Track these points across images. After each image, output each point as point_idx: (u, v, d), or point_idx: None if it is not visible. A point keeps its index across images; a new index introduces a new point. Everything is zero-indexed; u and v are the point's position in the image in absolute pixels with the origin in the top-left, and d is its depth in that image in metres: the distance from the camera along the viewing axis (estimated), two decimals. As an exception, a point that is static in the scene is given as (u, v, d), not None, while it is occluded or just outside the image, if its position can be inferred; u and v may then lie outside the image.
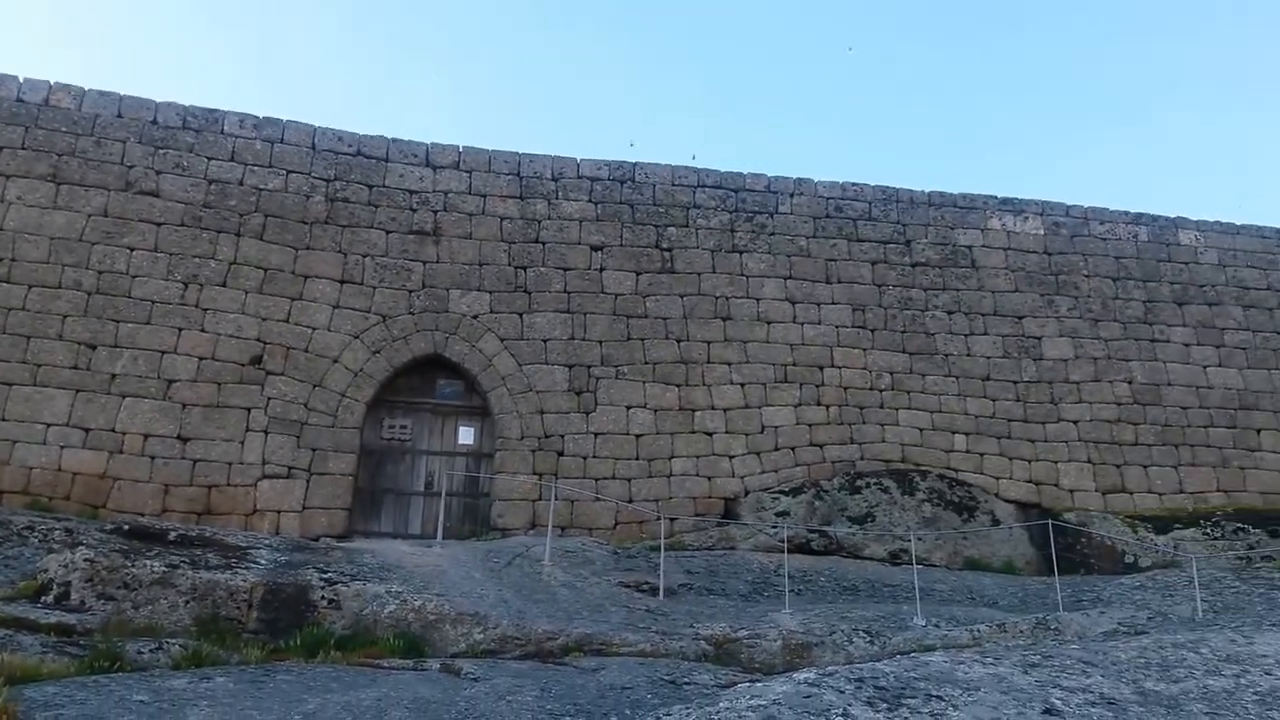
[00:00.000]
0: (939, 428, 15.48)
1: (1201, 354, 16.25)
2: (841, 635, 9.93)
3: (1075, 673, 5.10)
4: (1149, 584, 12.22)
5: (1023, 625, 10.23)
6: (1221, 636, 5.67)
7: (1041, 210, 16.97)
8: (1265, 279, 16.85)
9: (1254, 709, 4.51)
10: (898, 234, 16.54)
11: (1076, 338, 16.15)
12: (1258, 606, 10.59)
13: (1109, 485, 15.37)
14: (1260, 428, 15.89)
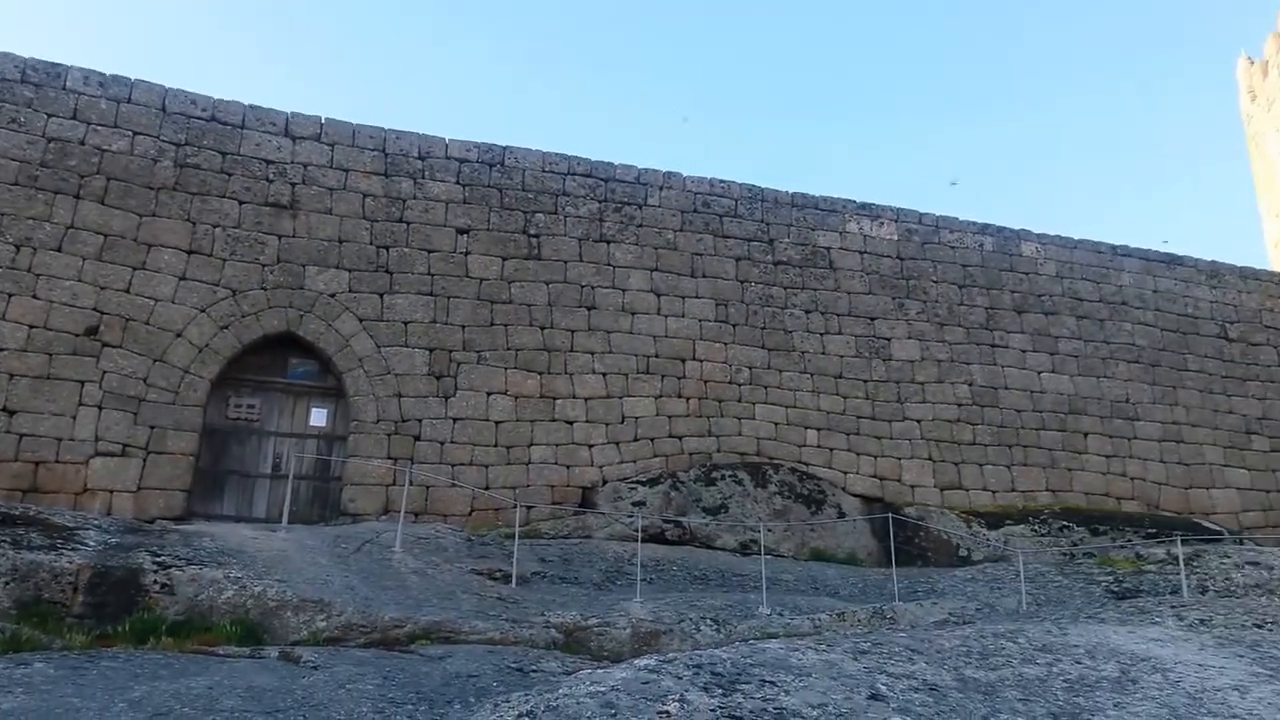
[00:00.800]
0: (793, 423, 15.89)
1: (1037, 360, 17.18)
2: (690, 623, 10.10)
3: (902, 660, 5.33)
4: (980, 576, 12.87)
5: (861, 614, 10.61)
6: (1039, 627, 6.03)
7: (897, 216, 17.60)
8: (1098, 292, 17.92)
9: (1062, 695, 4.81)
10: (761, 232, 16.86)
11: (924, 340, 16.84)
12: (1076, 599, 11.29)
13: (947, 482, 16.10)
14: (1087, 432, 16.90)
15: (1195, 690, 5.09)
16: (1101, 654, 5.44)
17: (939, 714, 4.51)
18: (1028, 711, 4.59)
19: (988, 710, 4.59)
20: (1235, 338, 18.25)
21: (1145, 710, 4.69)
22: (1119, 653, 5.56)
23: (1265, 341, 18.40)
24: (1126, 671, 5.21)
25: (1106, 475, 16.71)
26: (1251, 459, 17.52)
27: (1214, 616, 8.34)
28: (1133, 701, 4.79)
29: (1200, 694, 5.06)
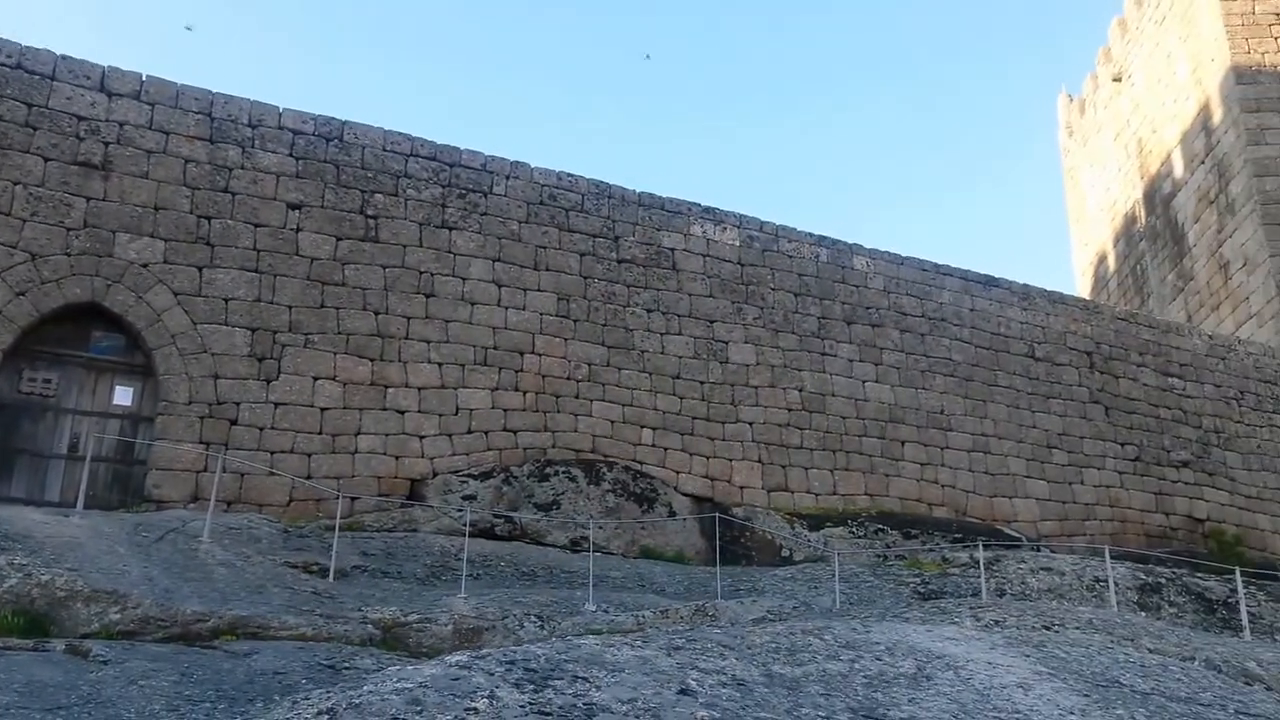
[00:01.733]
0: (629, 421, 15.98)
1: (862, 370, 17.85)
2: (514, 620, 10.04)
3: (714, 656, 5.40)
4: (799, 576, 13.27)
5: (683, 611, 10.75)
6: (845, 625, 6.23)
7: (739, 222, 17.95)
8: (921, 307, 18.78)
9: (861, 690, 4.96)
10: (607, 229, 16.88)
11: (759, 345, 17.24)
12: (886, 599, 11.78)
13: (775, 484, 16.53)
14: (904, 440, 17.68)
15: (984, 687, 5.35)
16: (900, 651, 5.67)
17: (744, 708, 4.57)
18: (828, 706, 4.72)
19: (790, 704, 4.69)
20: (1041, 357, 19.47)
21: (937, 706, 4.89)
22: (917, 650, 5.80)
23: (1068, 362, 19.69)
24: (922, 668, 5.43)
25: (920, 482, 17.52)
26: (1051, 471, 18.72)
27: (1007, 618, 8.83)
28: (926, 697, 4.99)
29: (988, 690, 5.33)
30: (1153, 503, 19.38)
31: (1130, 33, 29.72)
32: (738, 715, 4.26)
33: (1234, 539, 19.34)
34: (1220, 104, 24.28)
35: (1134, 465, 19.45)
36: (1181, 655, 9.28)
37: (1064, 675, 6.36)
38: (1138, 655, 8.37)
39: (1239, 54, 23.75)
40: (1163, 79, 27.44)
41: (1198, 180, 25.50)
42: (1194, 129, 25.67)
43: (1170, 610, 13.67)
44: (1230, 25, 23.96)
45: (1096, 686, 6.44)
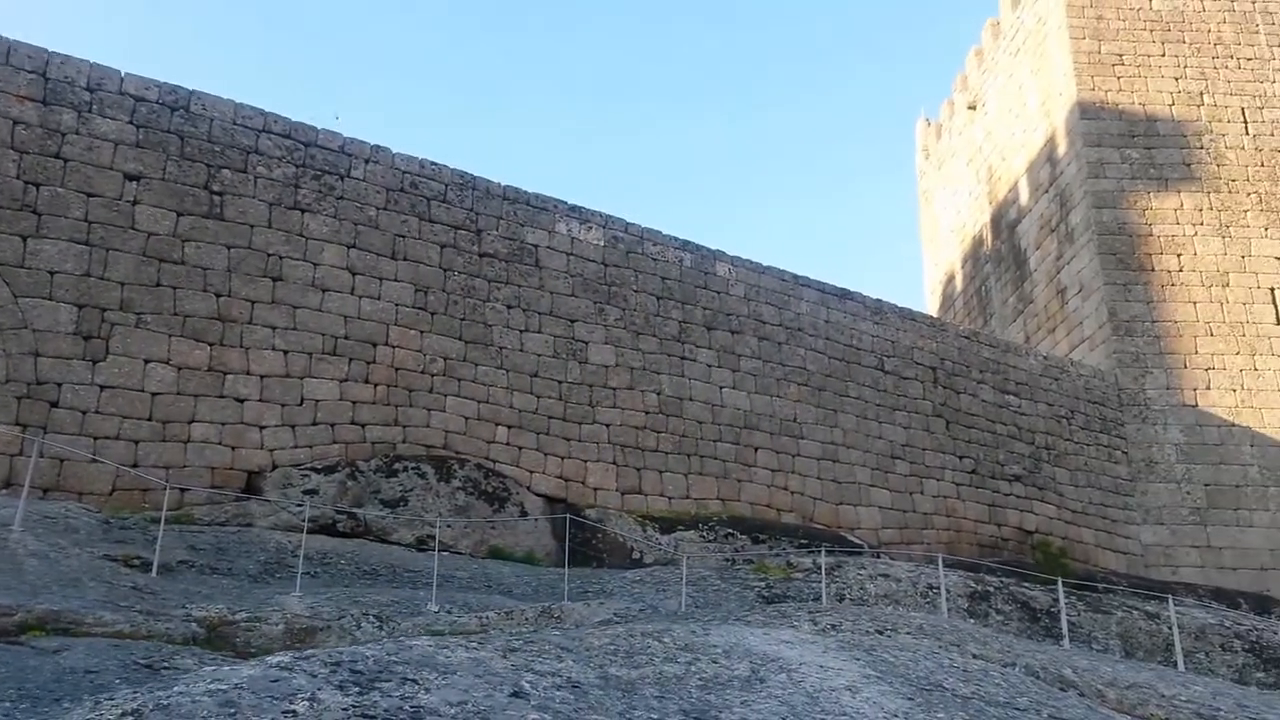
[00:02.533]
0: (484, 418, 15.70)
1: (720, 376, 18.06)
2: (351, 620, 9.75)
3: (550, 658, 5.30)
4: (648, 579, 13.29)
5: (529, 613, 10.61)
6: (685, 628, 6.22)
7: (605, 222, 17.91)
8: (779, 316, 19.14)
9: (696, 692, 4.95)
10: (470, 221, 16.57)
11: (619, 347, 17.22)
12: (731, 603, 11.91)
13: (628, 486, 16.54)
14: (758, 447, 17.97)
15: (814, 689, 5.42)
16: (737, 654, 5.69)
17: (577, 711, 4.49)
18: (661, 708, 4.69)
19: (624, 707, 4.63)
20: (890, 370, 20.13)
21: (768, 708, 4.91)
22: (753, 653, 5.83)
23: (915, 376, 20.43)
24: (757, 671, 5.47)
25: (771, 488, 17.84)
26: (894, 481, 19.37)
27: (843, 622, 9.02)
28: (758, 699, 5.02)
29: (818, 693, 5.39)
30: (986, 514, 20.28)
31: (986, 63, 31.17)
32: (570, 718, 4.17)
33: (1059, 551, 20.43)
34: (1065, 137, 25.70)
35: (970, 477, 20.31)
36: (1004, 661, 9.68)
37: (891, 679, 6.52)
38: (962, 660, 8.68)
39: (1085, 90, 25.19)
40: (1014, 109, 28.87)
41: (1041, 208, 26.92)
42: (1040, 159, 27.10)
43: (998, 618, 14.30)
44: (1078, 62, 25.38)
45: (921, 690, 6.62)
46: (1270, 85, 25.28)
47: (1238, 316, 23.39)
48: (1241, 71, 25.39)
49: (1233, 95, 25.15)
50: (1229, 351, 23.16)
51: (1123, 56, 25.44)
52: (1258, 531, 22.02)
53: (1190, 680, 12.08)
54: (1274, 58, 25.52)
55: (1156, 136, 24.74)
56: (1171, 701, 10.14)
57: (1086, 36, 25.55)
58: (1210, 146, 24.67)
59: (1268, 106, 25.07)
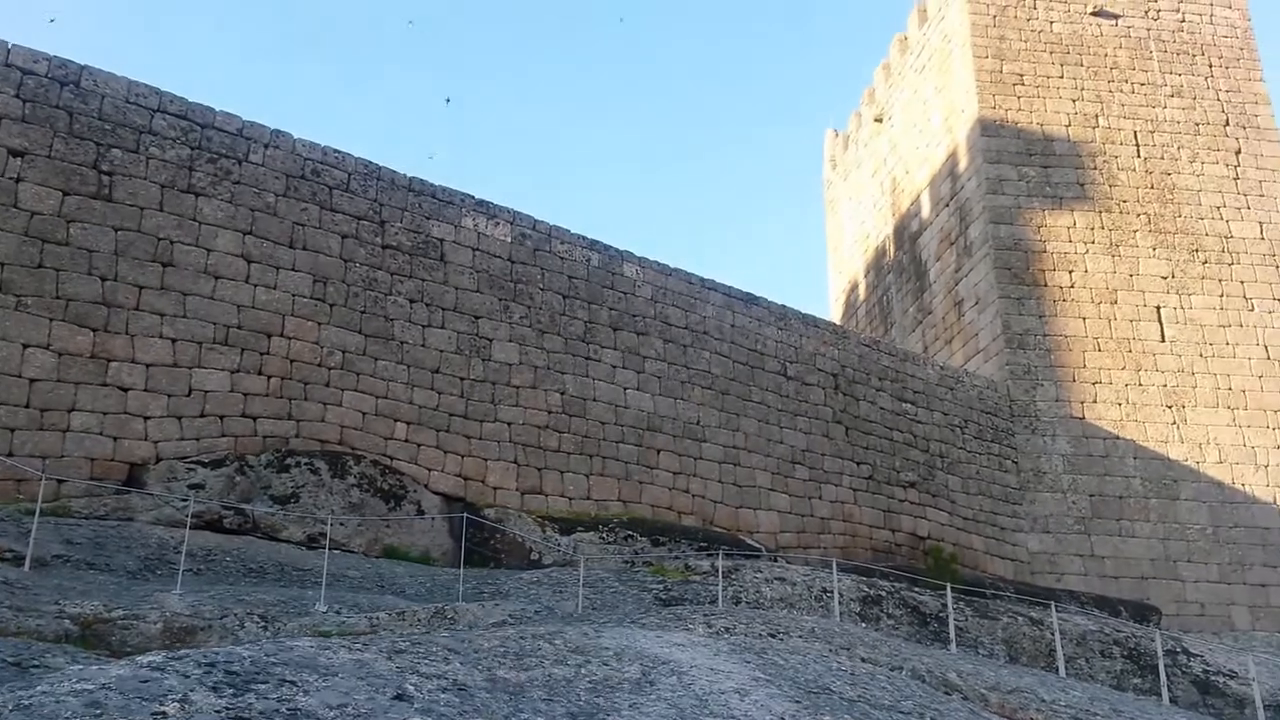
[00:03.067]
0: (382, 414, 15.38)
1: (624, 377, 18.03)
2: (234, 619, 9.46)
3: (437, 660, 5.17)
4: (545, 580, 13.17)
5: (422, 614, 10.39)
6: (577, 630, 6.15)
7: (513, 219, 17.72)
8: (686, 318, 19.21)
9: (584, 695, 4.88)
10: (374, 212, 16.21)
11: (524, 345, 17.05)
12: (628, 605, 11.86)
13: (529, 486, 16.38)
14: (660, 449, 18.00)
15: (704, 692, 5.40)
16: (628, 656, 5.64)
17: (462, 714, 4.39)
18: (549, 710, 4.61)
19: (510, 710, 4.55)
20: (793, 376, 20.39)
21: (656, 710, 4.88)
22: (644, 656, 5.79)
23: (816, 383, 20.73)
24: (647, 673, 5.42)
25: (672, 490, 17.89)
26: (793, 486, 19.62)
27: (737, 625, 9.07)
28: (647, 702, 4.97)
29: (707, 696, 5.38)
30: (882, 519, 20.70)
31: (893, 77, 31.88)
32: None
33: (950, 557, 20.97)
34: (966, 153, 26.44)
35: (867, 483, 20.71)
36: (891, 665, 9.85)
37: (780, 682, 6.56)
38: (850, 664, 8.80)
39: (986, 108, 25.96)
40: (918, 124, 29.59)
41: (942, 221, 27.64)
42: (942, 173, 27.83)
43: (888, 622, 14.57)
44: (980, 81, 26.14)
45: (808, 693, 6.67)
46: (1161, 110, 26.44)
47: (1124, 333, 24.38)
48: (1135, 96, 26.50)
49: (1126, 118, 26.22)
50: (1115, 366, 24.11)
51: (1023, 77, 26.30)
52: (1138, 541, 22.95)
53: (1070, 685, 12.50)
54: (1165, 83, 26.70)
55: (1053, 156, 25.64)
56: (1051, 706, 10.46)
57: (989, 56, 26.35)
58: (1103, 167, 25.67)
59: (1159, 130, 26.21)
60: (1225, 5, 27.67)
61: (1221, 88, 26.75)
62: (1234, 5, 27.72)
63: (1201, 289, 24.80)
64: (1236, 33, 27.39)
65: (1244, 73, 27.01)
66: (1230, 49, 27.21)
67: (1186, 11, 27.45)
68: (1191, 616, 22.13)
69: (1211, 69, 26.92)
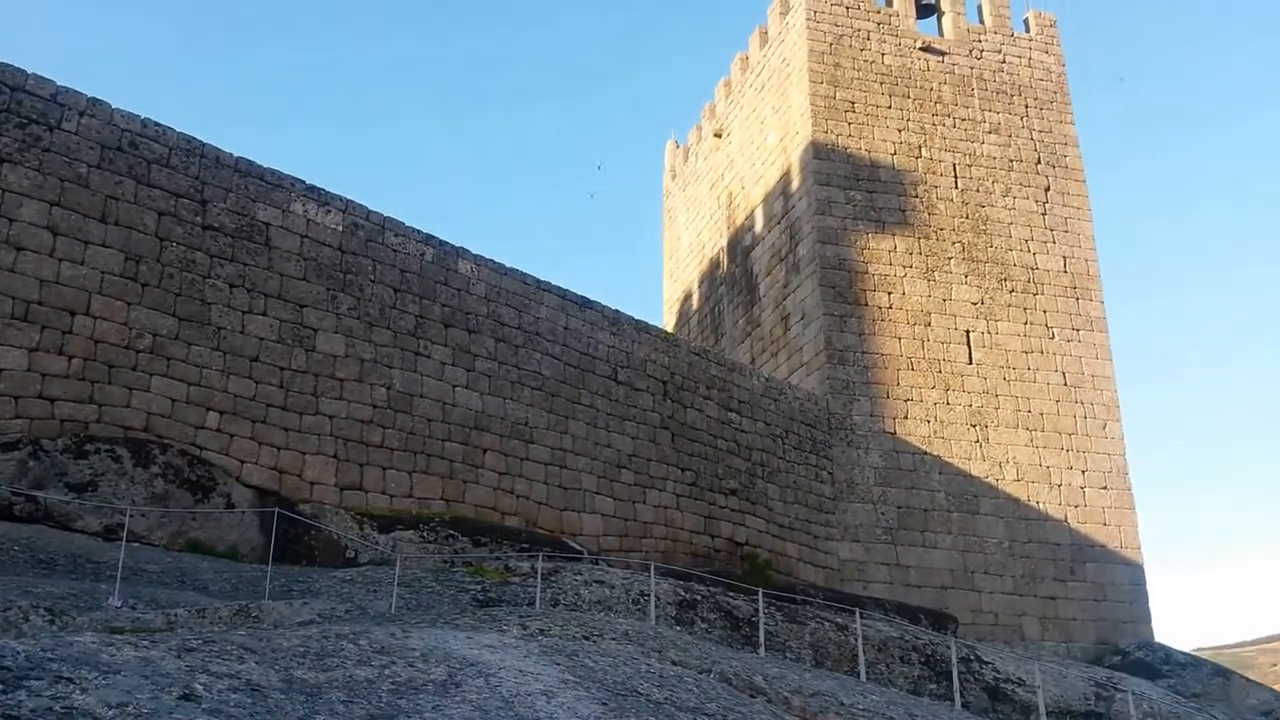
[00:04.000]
0: (194, 401, 14.67)
1: (454, 374, 17.81)
2: (17, 612, 8.91)
3: (231, 658, 5.00)
4: (359, 579, 12.87)
5: (224, 611, 9.97)
6: (384, 630, 6.04)
7: (345, 207, 17.23)
8: (519, 319, 19.15)
9: (386, 696, 4.82)
10: (195, 190, 15.46)
11: (350, 337, 16.60)
12: (444, 606, 11.73)
13: (349, 482, 15.96)
14: (486, 448, 17.86)
15: (511, 694, 5.43)
16: (435, 658, 5.59)
17: (253, 715, 4.27)
18: (347, 713, 4.53)
19: (306, 711, 4.45)
20: (623, 380, 20.64)
21: (460, 713, 4.87)
22: (452, 657, 5.76)
23: (646, 389, 21.06)
24: (453, 675, 5.40)
25: (497, 491, 17.79)
26: (619, 490, 19.84)
27: (552, 627, 9.12)
28: (451, 704, 4.96)
29: (514, 698, 5.41)
30: (703, 525, 21.20)
31: (734, 95, 32.78)
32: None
33: (765, 563, 21.68)
34: (799, 174, 27.45)
35: (690, 489, 21.17)
36: (701, 668, 10.12)
37: (588, 684, 6.65)
38: (660, 666, 9.00)
39: (819, 132, 27.02)
40: (756, 142, 30.52)
41: (773, 238, 28.59)
42: (775, 192, 28.79)
43: (703, 625, 14.94)
44: (815, 105, 27.19)
45: (616, 695, 6.80)
46: (979, 145, 28.19)
47: (936, 354, 25.85)
48: (956, 130, 28.15)
49: (947, 151, 27.83)
50: (926, 385, 25.53)
51: (854, 104, 27.53)
52: (940, 552, 24.32)
53: (869, 690, 13.15)
54: (985, 120, 28.49)
55: (878, 182, 26.94)
56: (850, 709, 10.98)
57: (824, 82, 27.45)
58: (924, 196, 27.16)
59: (976, 164, 27.93)
60: (1043, 50, 29.78)
61: (1035, 128, 28.76)
62: (1050, 51, 29.87)
63: (1008, 316, 26.59)
64: (1051, 76, 29.52)
65: (1056, 115, 29.14)
66: (1045, 91, 29.31)
67: (1007, 54, 29.39)
68: (986, 626, 23.61)
69: (1027, 109, 28.92)
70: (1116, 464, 25.99)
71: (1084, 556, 25.01)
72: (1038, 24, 30.22)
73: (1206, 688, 22.12)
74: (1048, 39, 29.97)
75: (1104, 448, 26.05)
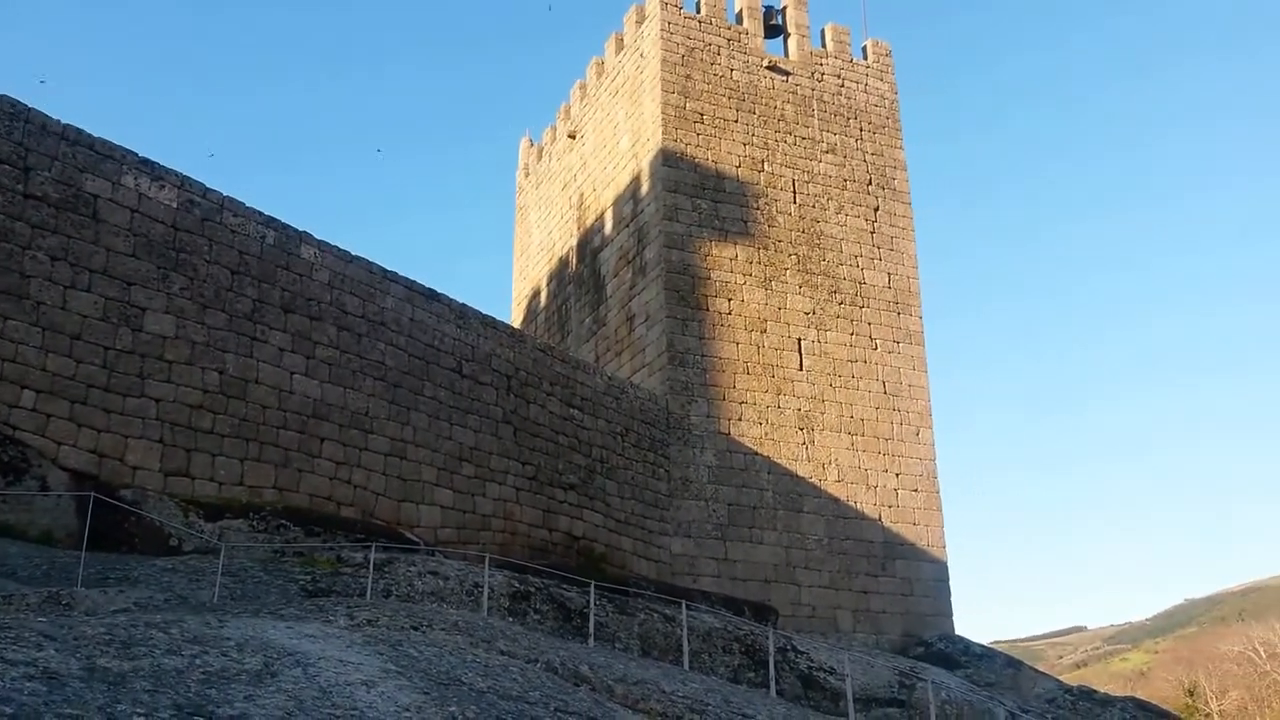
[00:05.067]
0: (8, 378, 13.94)
1: (292, 361, 17.45)
2: None
3: (29, 646, 4.92)
4: (181, 568, 12.53)
5: (32, 598, 9.61)
6: (198, 619, 6.02)
7: (181, 183, 16.63)
8: (363, 308, 18.90)
9: (196, 686, 4.85)
10: (17, 157, 14.65)
11: (182, 318, 16.05)
12: (270, 596, 11.58)
13: (175, 468, 15.46)
14: (324, 438, 17.58)
15: (329, 684, 5.53)
16: (251, 648, 5.63)
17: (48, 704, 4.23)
18: (152, 702, 4.54)
19: (107, 701, 4.43)
20: (467, 374, 20.65)
21: (274, 702, 4.94)
22: (270, 647, 5.80)
23: (490, 383, 21.12)
24: (269, 665, 5.45)
25: (334, 480, 17.54)
26: (458, 482, 19.86)
27: (380, 618, 9.19)
28: (265, 694, 5.02)
29: (332, 688, 5.51)
30: (541, 519, 21.45)
31: (589, 97, 33.11)
32: (37, 712, 3.93)
33: (600, 556, 22.10)
34: (648, 179, 28.00)
35: (530, 484, 21.38)
36: (528, 658, 10.40)
37: (411, 674, 6.80)
38: (487, 656, 9.22)
39: (669, 140, 27.64)
40: (608, 145, 30.94)
41: (621, 240, 29.08)
42: (625, 195, 29.28)
43: (535, 617, 15.20)
44: (666, 114, 27.81)
45: (438, 685, 6.98)
46: (817, 164, 29.43)
47: (770, 360, 26.87)
48: (796, 147, 29.32)
49: (787, 167, 28.95)
50: (760, 389, 26.52)
51: (703, 116, 28.30)
52: (766, 548, 25.35)
53: (690, 678, 13.70)
54: (823, 140, 29.76)
55: (723, 192, 27.79)
56: (670, 696, 11.47)
57: (675, 92, 28.12)
58: (765, 208, 28.17)
59: (813, 181, 29.16)
60: (878, 77, 31.34)
61: (868, 150, 30.27)
62: (884, 79, 31.47)
63: (836, 326, 27.91)
64: (885, 103, 31.12)
65: (888, 139, 30.74)
66: (879, 116, 30.87)
67: (846, 78, 30.79)
68: (804, 618, 24.78)
69: (862, 132, 30.39)
70: (927, 468, 27.73)
71: (895, 554, 26.59)
72: (875, 52, 31.78)
73: (999, 677, 23.89)
74: (883, 67, 31.58)
75: (917, 453, 27.73)
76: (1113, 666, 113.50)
